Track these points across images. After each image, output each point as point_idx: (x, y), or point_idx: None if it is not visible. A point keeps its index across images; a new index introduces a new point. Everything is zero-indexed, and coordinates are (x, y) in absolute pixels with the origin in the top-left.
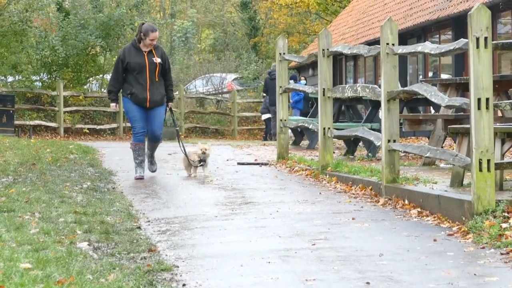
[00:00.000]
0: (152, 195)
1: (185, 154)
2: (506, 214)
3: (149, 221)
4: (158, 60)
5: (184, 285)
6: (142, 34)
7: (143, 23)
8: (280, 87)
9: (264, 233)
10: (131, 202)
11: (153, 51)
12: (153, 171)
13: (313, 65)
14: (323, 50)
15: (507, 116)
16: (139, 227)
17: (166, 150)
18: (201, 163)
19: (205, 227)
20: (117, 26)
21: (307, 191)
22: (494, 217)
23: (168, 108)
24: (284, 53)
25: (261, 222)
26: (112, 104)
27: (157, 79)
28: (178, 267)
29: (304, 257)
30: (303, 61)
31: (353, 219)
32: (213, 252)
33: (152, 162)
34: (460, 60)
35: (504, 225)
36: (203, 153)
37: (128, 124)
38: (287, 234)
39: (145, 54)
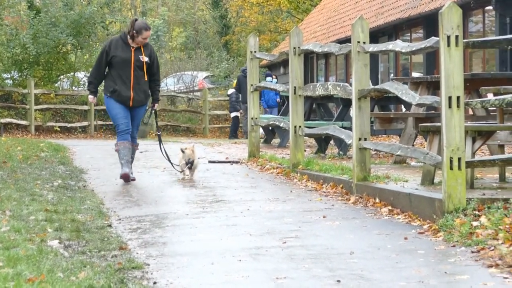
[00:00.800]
0: (123, 193)
1: (169, 160)
2: (476, 212)
3: (120, 219)
4: (145, 59)
5: (155, 283)
6: (134, 31)
7: (136, 19)
8: (251, 85)
9: (235, 231)
10: (102, 200)
11: (142, 48)
12: (133, 179)
13: (285, 63)
14: (294, 48)
15: (478, 115)
16: (110, 225)
17: (138, 149)
18: (188, 165)
19: (176, 225)
20: (88, 24)
21: (278, 189)
22: (465, 215)
23: (152, 110)
24: (255, 51)
25: (232, 220)
26: (91, 97)
27: (145, 78)
28: (149, 265)
29: (275, 255)
30: (274, 59)
31: (324, 217)
32: (184, 250)
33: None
34: (432, 58)
35: (474, 223)
36: (183, 152)
37: (100, 122)
38: (258, 232)
39: (133, 50)
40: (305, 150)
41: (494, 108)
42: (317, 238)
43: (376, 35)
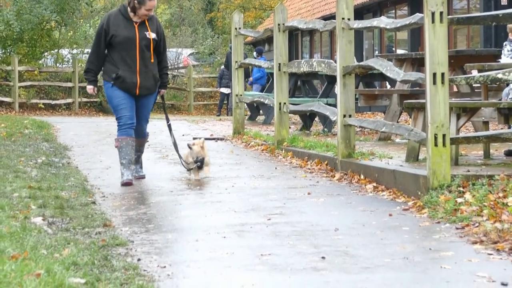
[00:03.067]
0: (107, 170)
1: (179, 155)
2: (461, 189)
3: (104, 196)
4: (152, 35)
5: (139, 259)
6: (136, 2)
7: None
8: (236, 62)
9: (220, 208)
10: (86, 177)
11: (146, 22)
12: (143, 177)
13: (269, 40)
14: (278, 25)
15: (463, 91)
16: (94, 202)
17: (148, 141)
18: (197, 164)
19: (161, 202)
20: (72, 1)
21: (263, 166)
22: (450, 191)
23: (159, 96)
24: (240, 28)
25: (217, 197)
26: (90, 87)
27: (151, 59)
28: (133, 242)
29: (260, 232)
30: (258, 36)
31: (308, 194)
32: (168, 227)
33: (138, 167)
34: (416, 35)
35: (459, 200)
36: (190, 148)
37: (84, 99)
38: (242, 209)
39: (136, 26)
40: (290, 127)
41: (479, 85)
42: (302, 215)
43: (361, 12)
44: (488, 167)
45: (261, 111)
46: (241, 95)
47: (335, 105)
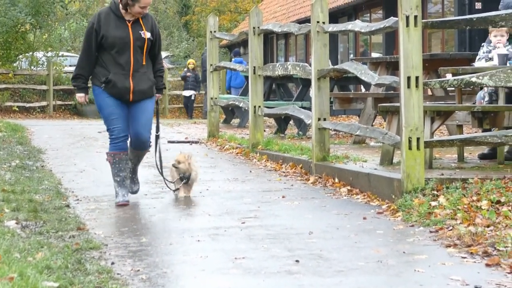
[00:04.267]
0: (82, 173)
1: (160, 172)
2: (435, 192)
3: (78, 200)
4: (147, 35)
5: (112, 263)
6: None
7: None
8: (211, 65)
9: (194, 212)
10: (60, 181)
11: (141, 21)
12: (134, 192)
13: (244, 43)
14: (253, 28)
15: (437, 95)
16: (68, 206)
17: (97, 128)
18: (184, 181)
19: (135, 205)
20: (46, 4)
21: (237, 170)
22: (424, 195)
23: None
24: (215, 31)
25: (191, 200)
26: (80, 95)
27: (144, 62)
28: (107, 245)
29: (234, 236)
30: (233, 39)
31: (283, 197)
32: (142, 230)
33: (133, 179)
34: (391, 38)
35: (433, 203)
36: (178, 163)
37: (59, 102)
38: (217, 212)
39: (129, 25)
40: (264, 130)
41: (453, 89)
42: (276, 218)
43: (336, 15)
44: (462, 171)
45: (236, 114)
46: (216, 98)
47: (309, 109)
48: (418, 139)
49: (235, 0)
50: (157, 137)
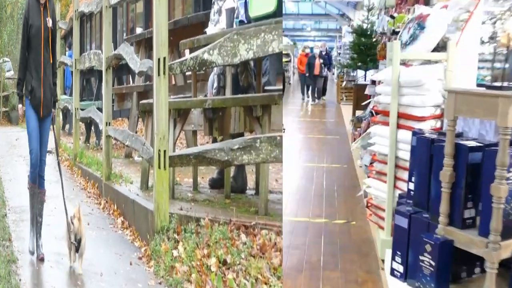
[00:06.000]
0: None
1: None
2: (176, 236)
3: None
4: (50, 22)
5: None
6: None
7: None
8: None
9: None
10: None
11: (47, 4)
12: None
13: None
14: (75, 11)
15: (179, 84)
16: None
17: (14, 136)
18: (75, 245)
19: None
20: None
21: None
22: (168, 238)
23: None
24: (58, 21)
25: None
26: (20, 106)
27: (50, 60)
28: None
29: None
30: (68, 27)
31: (88, 224)
32: None
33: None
34: (149, 7)
35: (175, 253)
36: (72, 223)
37: (4, 108)
38: None
39: (42, 10)
40: (80, 138)
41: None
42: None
43: None
44: (196, 205)
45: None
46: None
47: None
48: (164, 152)
49: None
50: (58, 162)
